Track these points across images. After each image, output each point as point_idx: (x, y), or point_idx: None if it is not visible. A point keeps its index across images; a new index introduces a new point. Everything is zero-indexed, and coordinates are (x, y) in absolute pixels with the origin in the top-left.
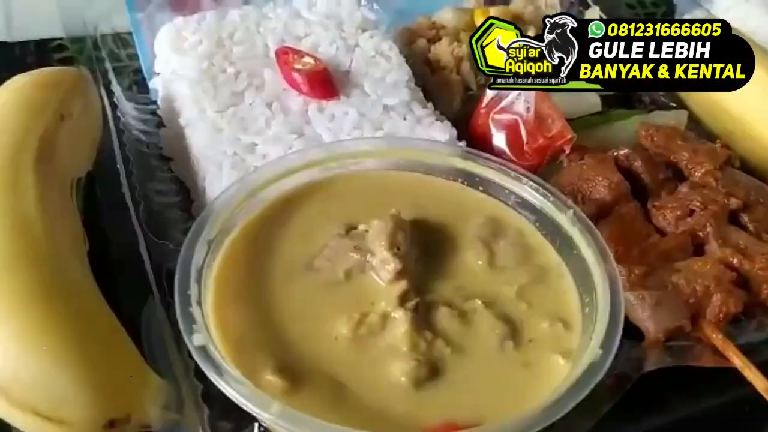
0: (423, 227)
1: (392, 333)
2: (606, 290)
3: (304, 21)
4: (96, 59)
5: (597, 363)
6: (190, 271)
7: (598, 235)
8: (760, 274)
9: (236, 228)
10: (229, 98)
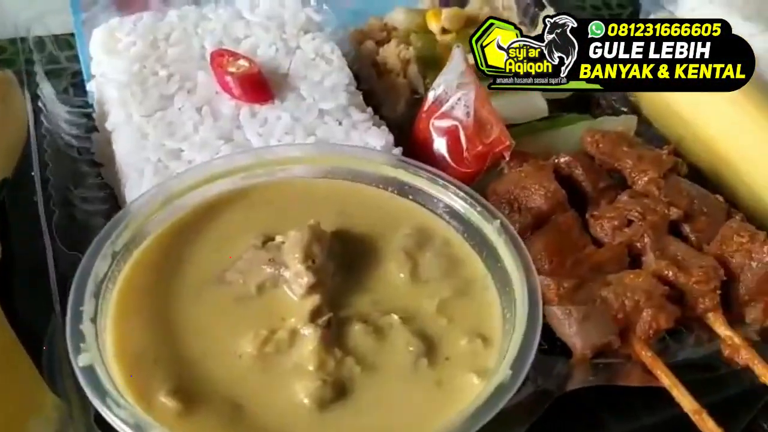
0: (346, 238)
1: (300, 351)
2: (525, 305)
3: (245, 22)
4: (26, 61)
5: (506, 384)
6: (86, 285)
7: (523, 247)
8: (696, 288)
9: (150, 236)
10: (157, 102)
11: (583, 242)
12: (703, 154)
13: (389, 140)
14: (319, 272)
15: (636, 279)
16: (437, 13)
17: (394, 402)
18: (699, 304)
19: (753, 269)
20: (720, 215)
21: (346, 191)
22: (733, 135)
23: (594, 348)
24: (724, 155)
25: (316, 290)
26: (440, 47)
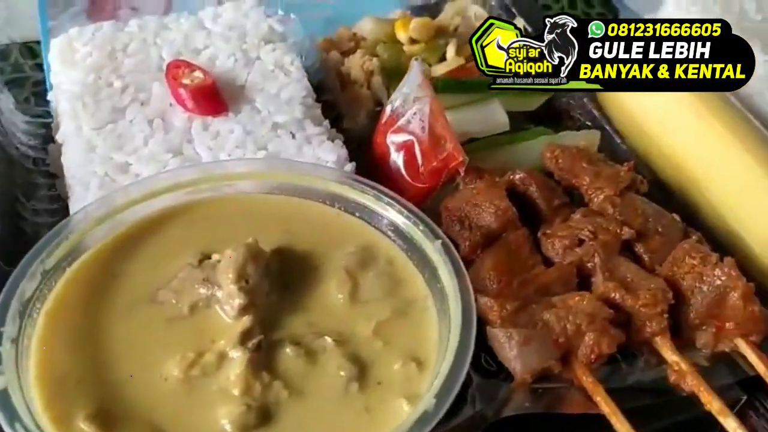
0: (288, 256)
1: (226, 374)
2: (457, 329)
3: (207, 32)
4: None
5: (430, 412)
6: (9, 305)
7: (462, 269)
8: (643, 311)
9: (87, 252)
10: (109, 114)
11: (533, 262)
12: (669, 169)
13: (342, 155)
14: (251, 293)
15: (580, 302)
16: (406, 23)
17: (320, 428)
18: (646, 327)
19: (703, 292)
20: (675, 235)
21: (293, 208)
22: (697, 151)
23: (534, 372)
24: (688, 171)
25: (248, 312)
26: (406, 58)
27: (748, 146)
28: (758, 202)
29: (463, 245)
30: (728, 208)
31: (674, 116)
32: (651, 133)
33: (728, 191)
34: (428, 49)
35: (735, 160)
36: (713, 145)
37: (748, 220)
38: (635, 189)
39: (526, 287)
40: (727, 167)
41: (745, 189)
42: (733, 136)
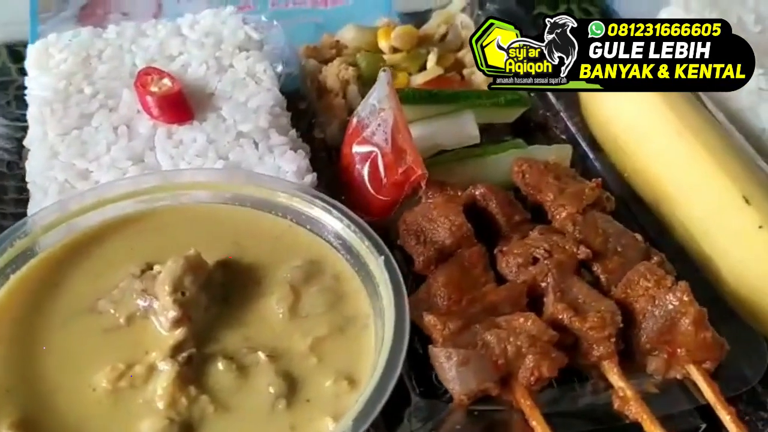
0: (234, 268)
1: (154, 387)
2: (387, 349)
3: (182, 39)
4: None
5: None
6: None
7: (401, 286)
8: (590, 334)
9: (34, 258)
10: (76, 120)
11: (485, 280)
12: (644, 186)
13: (302, 165)
14: (187, 306)
15: (524, 323)
16: (388, 31)
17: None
18: (593, 351)
19: (655, 317)
20: (635, 256)
21: (245, 219)
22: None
23: (471, 394)
24: (663, 188)
25: (182, 324)
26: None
27: (725, 166)
28: (730, 224)
29: (417, 260)
30: (700, 229)
31: (651, 132)
32: (627, 149)
33: (701, 211)
34: (409, 58)
35: (709, 179)
36: (689, 163)
37: (719, 242)
38: (601, 207)
39: (473, 305)
40: (701, 187)
41: (718, 210)
42: (710, 154)
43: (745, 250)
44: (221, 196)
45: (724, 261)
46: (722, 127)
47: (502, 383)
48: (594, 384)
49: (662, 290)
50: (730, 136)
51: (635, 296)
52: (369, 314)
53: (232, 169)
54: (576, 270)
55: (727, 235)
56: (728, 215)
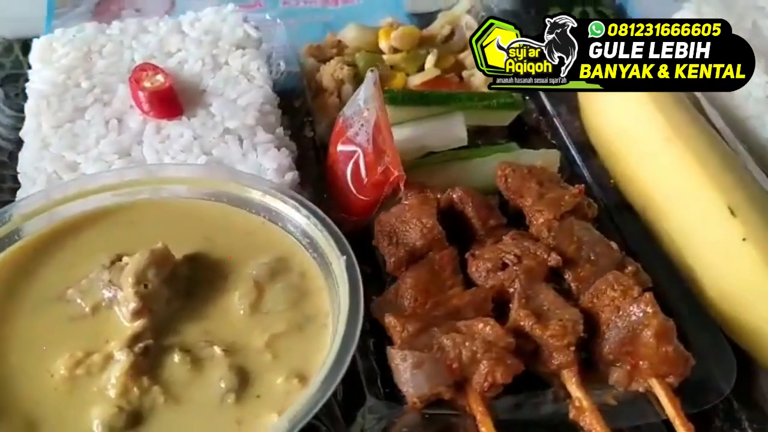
0: (203, 263)
1: (108, 376)
2: (335, 350)
3: (182, 36)
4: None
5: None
6: None
7: (358, 287)
8: (550, 342)
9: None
10: (70, 114)
11: (452, 283)
12: (634, 193)
13: (284, 163)
14: (148, 298)
15: (483, 328)
16: (389, 31)
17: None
18: (553, 359)
19: (618, 327)
20: (608, 264)
21: (219, 215)
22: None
23: (423, 397)
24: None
25: (142, 316)
26: (384, 68)
27: (713, 175)
28: (714, 236)
29: (388, 261)
30: (684, 238)
31: (641, 137)
32: (618, 154)
33: (686, 221)
34: (408, 58)
35: (696, 188)
36: (676, 171)
37: (703, 253)
38: (582, 213)
39: (437, 309)
40: (687, 195)
41: (703, 221)
42: (698, 162)
43: (728, 262)
44: (199, 191)
45: (706, 272)
46: (717, 135)
47: (457, 388)
48: (555, 392)
49: (627, 301)
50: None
51: (601, 306)
52: (329, 313)
53: (210, 165)
54: (546, 277)
55: (711, 246)
56: (712, 226)
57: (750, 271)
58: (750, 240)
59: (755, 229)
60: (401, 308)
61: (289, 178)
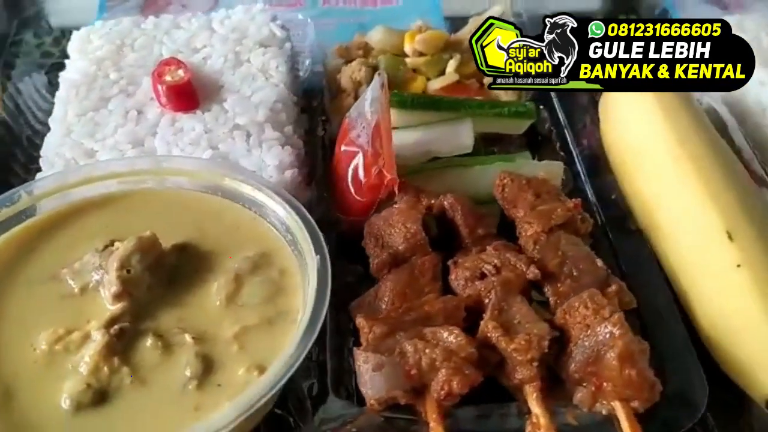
0: (191, 252)
1: (83, 353)
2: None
3: (210, 32)
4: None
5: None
6: None
7: (325, 288)
8: (514, 356)
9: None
10: (95, 103)
11: (429, 289)
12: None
13: (285, 161)
14: (130, 283)
15: (447, 336)
16: (414, 34)
17: (147, 419)
18: (517, 373)
19: (584, 346)
20: (589, 281)
21: (213, 207)
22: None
23: (381, 400)
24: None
25: (122, 299)
26: (406, 71)
27: (716, 197)
28: (709, 260)
29: (372, 262)
30: (681, 262)
31: (650, 154)
32: (627, 170)
33: (683, 243)
34: (430, 62)
35: (696, 210)
36: (679, 191)
37: (697, 277)
38: (573, 228)
39: (408, 314)
40: (686, 216)
41: (699, 244)
42: (703, 183)
43: (721, 288)
44: (200, 184)
45: (699, 297)
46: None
47: (417, 394)
48: (519, 406)
49: (598, 320)
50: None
51: (573, 323)
52: (300, 310)
53: (209, 159)
54: (524, 290)
55: (705, 270)
56: (709, 250)
57: (741, 298)
58: (744, 267)
59: (751, 256)
60: (378, 310)
61: (288, 176)
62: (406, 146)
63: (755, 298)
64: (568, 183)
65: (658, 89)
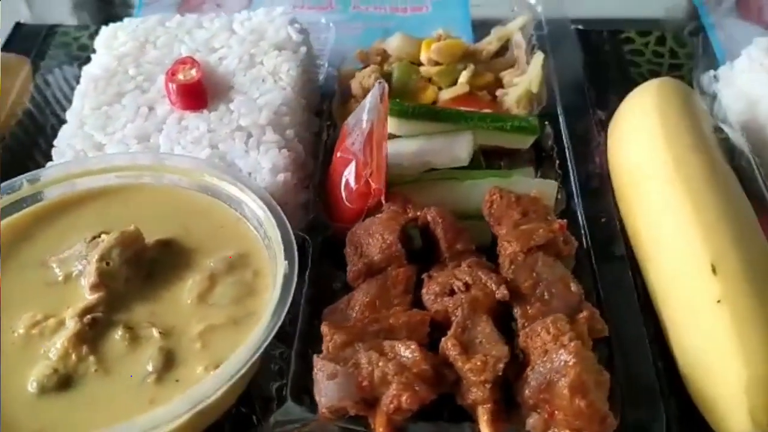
0: (173, 249)
1: (55, 340)
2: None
3: (230, 34)
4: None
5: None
6: None
7: (286, 294)
8: (468, 376)
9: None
10: (110, 97)
11: (399, 302)
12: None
13: (278, 164)
14: (106, 275)
15: (404, 351)
16: (430, 43)
17: (104, 407)
18: (471, 393)
19: (540, 372)
20: (559, 306)
21: (202, 206)
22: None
23: (332, 408)
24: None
25: (98, 290)
26: (421, 79)
27: (706, 224)
28: (690, 292)
29: (348, 270)
30: (663, 290)
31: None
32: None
33: (667, 273)
34: (442, 72)
35: (681, 237)
36: (668, 216)
37: (677, 309)
38: (555, 250)
39: (373, 325)
40: (674, 245)
41: (683, 276)
42: (694, 208)
43: (699, 323)
44: (193, 182)
45: (677, 329)
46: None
47: (369, 406)
48: (472, 427)
49: (556, 346)
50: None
51: (533, 347)
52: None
53: (206, 159)
54: (491, 309)
55: (686, 302)
56: (691, 281)
57: (718, 336)
58: (724, 303)
59: (733, 293)
60: (348, 319)
61: (281, 179)
62: (403, 155)
63: (731, 337)
64: (561, 203)
65: None
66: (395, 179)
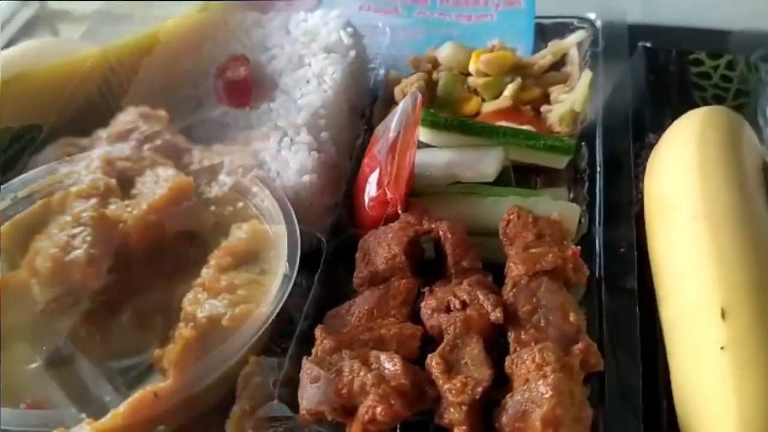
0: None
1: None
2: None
3: (283, 34)
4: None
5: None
6: None
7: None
8: (448, 396)
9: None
10: (162, 89)
11: (395, 313)
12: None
13: (306, 165)
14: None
15: (387, 363)
16: (481, 54)
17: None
18: (448, 413)
19: (518, 400)
20: (555, 335)
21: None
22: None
23: (311, 411)
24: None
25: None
26: (464, 90)
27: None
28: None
29: (355, 276)
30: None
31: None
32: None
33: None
34: (488, 84)
35: (699, 277)
36: (687, 252)
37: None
38: (563, 277)
39: (364, 333)
40: (688, 283)
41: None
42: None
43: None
44: None
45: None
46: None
47: (348, 414)
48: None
49: (537, 376)
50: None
51: (517, 374)
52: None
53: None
54: (485, 331)
55: (690, 345)
56: (698, 322)
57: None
58: (728, 350)
59: (739, 340)
60: (346, 324)
61: (306, 180)
62: (432, 166)
63: (731, 388)
64: (583, 227)
65: None
66: (423, 189)
